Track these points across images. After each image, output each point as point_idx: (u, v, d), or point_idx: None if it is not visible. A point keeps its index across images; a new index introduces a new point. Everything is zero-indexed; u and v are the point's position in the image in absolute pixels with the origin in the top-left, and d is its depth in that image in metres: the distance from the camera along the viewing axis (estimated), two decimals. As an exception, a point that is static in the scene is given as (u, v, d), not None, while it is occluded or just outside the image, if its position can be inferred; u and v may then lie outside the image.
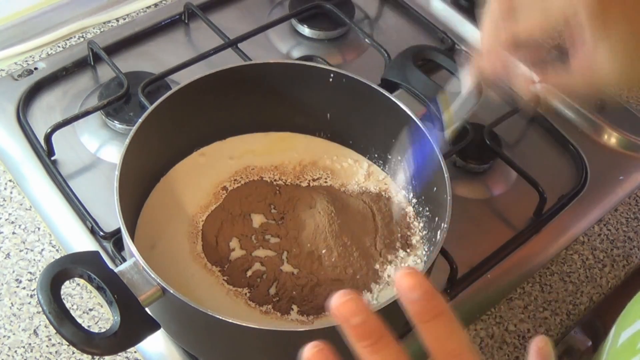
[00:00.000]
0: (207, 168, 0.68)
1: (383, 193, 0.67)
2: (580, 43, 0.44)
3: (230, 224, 0.64)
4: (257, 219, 0.65)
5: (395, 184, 0.68)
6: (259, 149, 0.70)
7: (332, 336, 0.52)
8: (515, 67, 0.48)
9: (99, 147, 0.74)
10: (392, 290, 0.60)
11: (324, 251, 0.61)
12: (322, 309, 0.59)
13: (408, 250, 0.63)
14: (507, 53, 0.47)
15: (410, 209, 0.66)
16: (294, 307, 0.59)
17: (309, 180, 0.68)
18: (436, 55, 0.74)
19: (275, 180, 0.68)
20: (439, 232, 0.58)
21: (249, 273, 0.61)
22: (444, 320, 0.33)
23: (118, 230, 0.65)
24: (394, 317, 0.57)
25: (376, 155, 0.70)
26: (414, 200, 0.66)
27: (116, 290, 0.49)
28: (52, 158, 0.72)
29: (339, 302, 0.32)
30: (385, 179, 0.69)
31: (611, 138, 0.82)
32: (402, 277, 0.33)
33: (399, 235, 0.64)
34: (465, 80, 0.53)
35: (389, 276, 0.61)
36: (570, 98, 0.82)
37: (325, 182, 0.68)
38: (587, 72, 0.45)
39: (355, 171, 0.70)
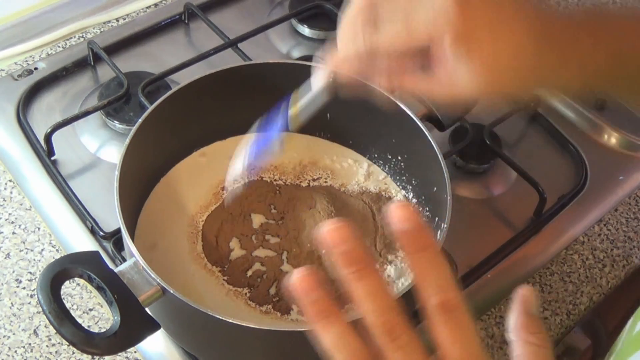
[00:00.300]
0: (207, 168, 0.68)
1: (383, 193, 0.67)
2: (442, 59, 0.44)
3: (230, 224, 0.64)
4: (257, 219, 0.65)
5: (395, 184, 0.68)
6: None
7: (332, 336, 0.52)
8: (372, 72, 0.47)
9: (99, 147, 0.74)
10: (392, 288, 0.60)
11: (323, 251, 0.61)
12: None
13: None
14: (364, 59, 0.46)
15: None
16: (294, 307, 0.59)
17: (309, 180, 0.68)
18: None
19: (275, 180, 0.68)
20: (439, 232, 0.58)
21: (249, 273, 0.61)
22: (431, 253, 0.35)
23: (118, 230, 0.65)
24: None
25: (376, 155, 0.70)
26: (414, 200, 0.66)
27: (116, 290, 0.49)
28: (52, 158, 0.72)
29: (330, 228, 0.34)
30: (385, 179, 0.69)
31: (611, 138, 0.82)
32: (396, 209, 0.34)
33: None
34: (317, 78, 0.51)
35: (389, 276, 0.61)
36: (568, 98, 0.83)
37: (325, 182, 0.68)
38: (446, 86, 0.45)
39: (355, 171, 0.70)
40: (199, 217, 0.64)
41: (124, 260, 0.63)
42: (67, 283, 0.58)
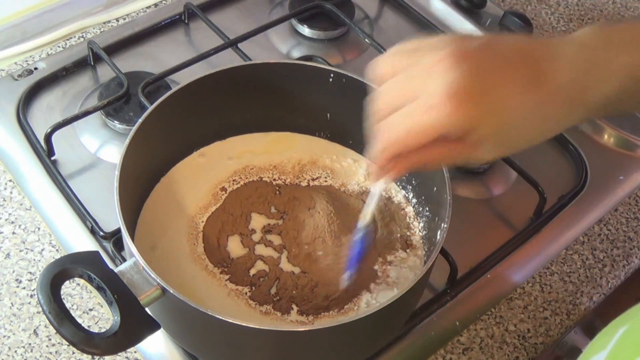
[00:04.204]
0: (207, 168, 0.68)
1: (383, 193, 0.67)
2: (466, 142, 0.44)
3: (231, 225, 0.64)
4: (258, 219, 0.65)
5: (395, 183, 0.68)
6: (259, 149, 0.70)
7: (332, 336, 0.52)
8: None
9: (99, 147, 0.74)
10: (391, 290, 0.60)
11: (320, 253, 0.61)
12: (321, 309, 0.59)
13: (408, 251, 0.63)
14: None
15: (410, 209, 0.66)
16: (294, 307, 0.59)
17: (309, 180, 0.68)
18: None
19: (274, 180, 0.68)
20: (439, 232, 0.58)
21: (253, 272, 0.61)
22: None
23: (118, 230, 0.65)
24: (394, 317, 0.57)
25: (376, 155, 0.70)
26: (414, 200, 0.66)
27: (116, 290, 0.49)
28: (52, 158, 0.72)
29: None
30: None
31: (611, 138, 0.82)
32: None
33: (399, 235, 0.64)
34: (375, 187, 0.54)
35: (388, 277, 0.61)
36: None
37: (325, 181, 0.68)
38: (466, 156, 0.46)
39: (355, 171, 0.69)
40: (199, 218, 0.64)
41: (124, 260, 0.63)
42: (67, 283, 0.58)
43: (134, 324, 0.49)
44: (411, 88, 0.42)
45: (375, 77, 0.45)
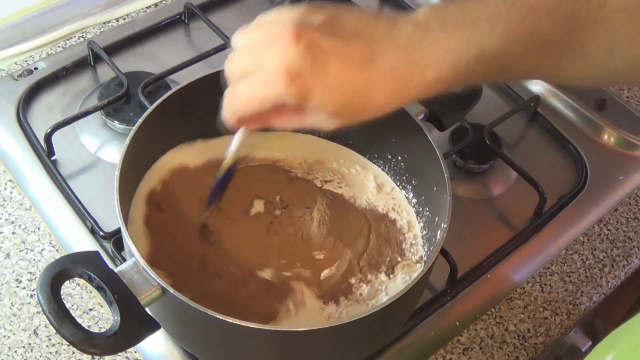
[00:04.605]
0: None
1: (390, 214, 0.65)
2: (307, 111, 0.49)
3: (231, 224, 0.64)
4: (257, 207, 0.64)
5: (395, 184, 0.68)
6: (262, 147, 0.70)
7: (332, 336, 0.52)
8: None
9: (99, 147, 0.74)
10: (360, 307, 0.59)
11: (316, 253, 0.61)
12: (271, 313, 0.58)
13: (391, 276, 0.61)
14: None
15: (411, 235, 0.64)
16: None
17: (322, 181, 0.67)
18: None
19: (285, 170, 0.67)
20: (439, 232, 0.58)
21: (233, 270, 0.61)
22: None
23: (118, 230, 0.65)
24: (394, 317, 0.57)
25: (376, 155, 0.69)
26: (414, 200, 0.66)
27: (116, 290, 0.49)
28: (52, 158, 0.72)
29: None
30: (392, 191, 0.67)
31: (611, 138, 0.82)
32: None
33: (388, 259, 0.62)
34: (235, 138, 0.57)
35: (361, 295, 0.59)
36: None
37: (339, 186, 0.67)
38: (309, 124, 0.51)
39: (365, 183, 0.68)
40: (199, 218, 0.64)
41: (124, 260, 0.63)
42: (67, 283, 0.58)
43: (134, 324, 0.48)
44: (254, 60, 0.47)
45: (233, 47, 0.50)
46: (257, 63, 0.47)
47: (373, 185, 0.68)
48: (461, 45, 0.46)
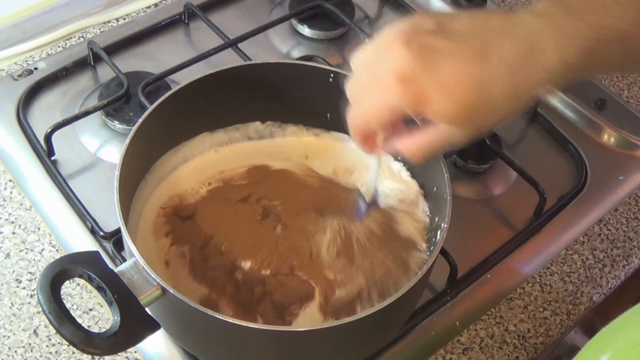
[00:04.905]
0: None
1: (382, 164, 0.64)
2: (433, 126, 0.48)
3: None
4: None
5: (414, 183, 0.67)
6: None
7: (332, 336, 0.52)
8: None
9: (99, 147, 0.74)
10: None
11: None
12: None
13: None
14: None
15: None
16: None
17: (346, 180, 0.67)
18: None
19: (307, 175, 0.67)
20: (439, 232, 0.58)
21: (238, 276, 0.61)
22: None
23: (118, 230, 0.65)
24: (394, 317, 0.57)
25: (376, 155, 0.70)
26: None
27: (116, 290, 0.49)
28: (52, 158, 0.72)
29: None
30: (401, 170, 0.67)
31: (611, 138, 0.82)
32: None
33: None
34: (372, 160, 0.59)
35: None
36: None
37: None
38: (441, 142, 0.49)
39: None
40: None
41: (124, 260, 0.63)
42: (67, 283, 0.58)
43: (134, 324, 0.49)
44: (370, 75, 0.47)
45: (353, 67, 0.50)
46: (373, 76, 0.46)
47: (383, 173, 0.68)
48: (591, 28, 0.44)
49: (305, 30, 0.88)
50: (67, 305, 0.54)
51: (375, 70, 0.46)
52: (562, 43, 0.44)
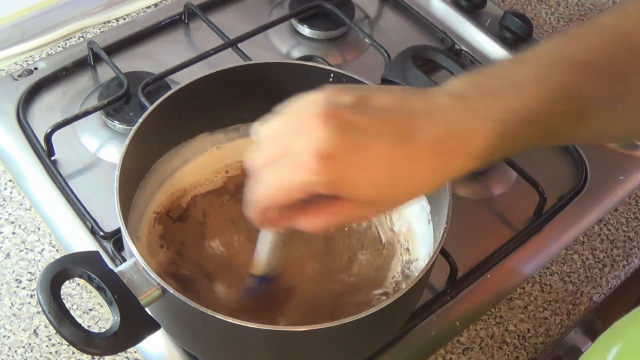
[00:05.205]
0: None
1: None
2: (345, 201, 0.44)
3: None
4: None
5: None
6: None
7: (332, 336, 0.52)
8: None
9: (99, 147, 0.74)
10: None
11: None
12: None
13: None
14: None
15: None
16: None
17: None
18: (436, 55, 0.74)
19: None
20: (439, 232, 0.58)
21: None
22: None
23: (118, 230, 0.65)
24: (394, 317, 0.57)
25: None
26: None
27: (116, 290, 0.49)
28: (52, 158, 0.72)
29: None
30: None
31: (611, 138, 0.82)
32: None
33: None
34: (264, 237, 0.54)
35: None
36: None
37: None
38: (349, 218, 0.46)
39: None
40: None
41: (124, 260, 0.63)
42: (67, 283, 0.58)
43: (134, 324, 0.48)
44: (281, 147, 0.43)
45: (258, 139, 0.46)
46: (284, 149, 0.43)
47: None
48: (505, 110, 0.43)
49: (305, 30, 0.88)
50: (67, 305, 0.54)
51: (288, 145, 0.43)
52: (478, 126, 0.43)
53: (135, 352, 0.61)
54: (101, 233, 0.65)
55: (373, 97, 0.44)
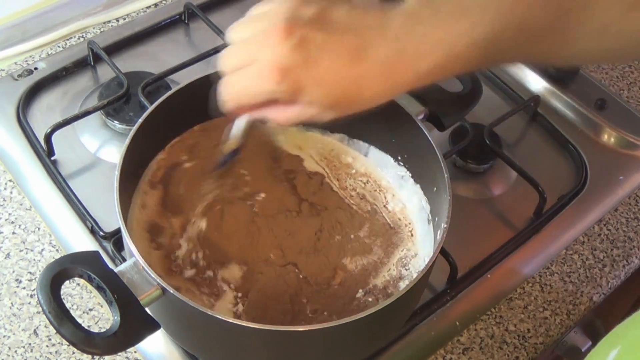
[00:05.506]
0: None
1: (389, 289, 0.62)
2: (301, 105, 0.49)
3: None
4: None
5: (396, 188, 0.67)
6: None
7: (332, 336, 0.52)
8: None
9: (99, 147, 0.74)
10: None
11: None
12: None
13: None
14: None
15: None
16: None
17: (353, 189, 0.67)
18: None
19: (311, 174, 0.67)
20: (439, 232, 0.58)
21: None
22: None
23: (118, 230, 0.65)
24: (394, 317, 0.57)
25: (376, 155, 0.70)
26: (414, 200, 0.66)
27: (116, 290, 0.49)
28: (52, 158, 0.72)
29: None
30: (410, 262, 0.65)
31: (611, 138, 0.82)
32: None
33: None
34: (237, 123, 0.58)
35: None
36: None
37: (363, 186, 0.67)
38: (303, 118, 0.50)
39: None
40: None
41: (124, 260, 0.63)
42: (67, 283, 0.58)
43: (134, 324, 0.48)
44: (249, 54, 0.48)
45: (227, 41, 0.51)
46: (251, 57, 0.48)
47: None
48: (453, 34, 0.46)
49: (305, 30, 0.88)
50: (67, 305, 0.54)
51: (253, 52, 0.47)
52: (427, 47, 0.46)
53: (135, 352, 0.61)
54: (101, 233, 0.65)
55: (333, 13, 0.47)
